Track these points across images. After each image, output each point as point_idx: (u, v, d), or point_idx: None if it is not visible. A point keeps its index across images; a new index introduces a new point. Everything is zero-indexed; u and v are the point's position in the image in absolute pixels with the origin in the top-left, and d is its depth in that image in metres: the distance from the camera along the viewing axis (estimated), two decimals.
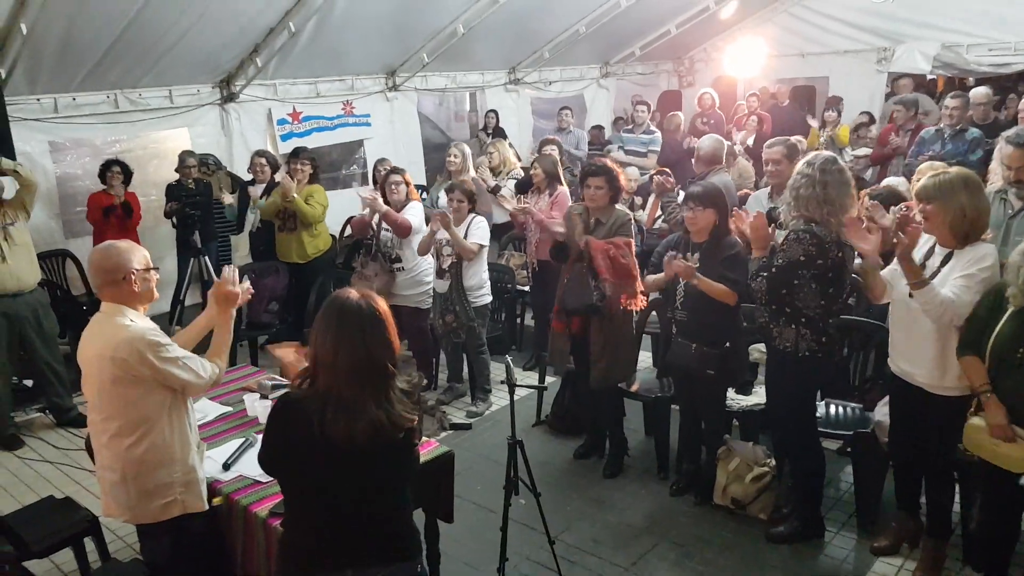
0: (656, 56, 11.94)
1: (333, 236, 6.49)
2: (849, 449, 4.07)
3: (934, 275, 3.08)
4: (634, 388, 4.59)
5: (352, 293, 2.14)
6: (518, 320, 6.61)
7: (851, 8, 10.38)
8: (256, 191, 6.30)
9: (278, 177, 6.17)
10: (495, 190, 7.01)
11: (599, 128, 10.37)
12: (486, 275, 5.28)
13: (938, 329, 3.05)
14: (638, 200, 7.32)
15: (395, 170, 5.64)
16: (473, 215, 5.17)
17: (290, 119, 7.96)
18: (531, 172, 6.09)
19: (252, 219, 6.38)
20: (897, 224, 3.13)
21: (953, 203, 2.97)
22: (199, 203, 6.41)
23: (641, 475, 4.42)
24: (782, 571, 3.55)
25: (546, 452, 4.73)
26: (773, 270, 3.34)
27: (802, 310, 3.36)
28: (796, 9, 11.15)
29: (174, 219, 6.57)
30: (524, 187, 6.37)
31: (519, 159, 7.89)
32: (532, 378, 5.60)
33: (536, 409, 5.14)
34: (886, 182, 5.63)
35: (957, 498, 3.50)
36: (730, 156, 6.92)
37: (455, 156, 6.33)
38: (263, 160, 6.37)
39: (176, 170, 6.59)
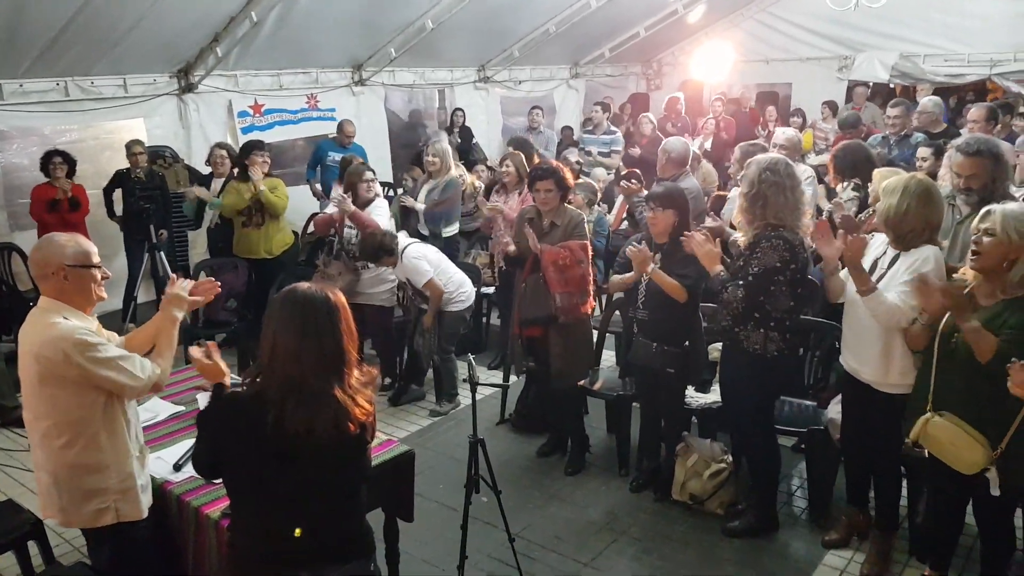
0: (625, 58, 12.03)
1: (295, 232, 6.38)
2: (803, 445, 4.13)
3: (883, 276, 3.16)
4: (597, 387, 4.60)
5: (306, 286, 2.13)
6: (484, 319, 6.58)
7: (815, 16, 10.58)
8: (215, 185, 6.16)
9: (237, 171, 6.05)
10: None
11: (569, 129, 10.41)
12: (459, 278, 5.20)
13: (883, 328, 3.13)
14: (603, 207, 7.28)
15: (367, 167, 5.59)
16: (405, 257, 5.03)
17: (251, 112, 7.85)
18: (501, 171, 6.07)
19: (211, 215, 6.23)
20: (841, 224, 3.26)
21: (897, 204, 3.05)
22: (153, 196, 6.23)
23: (602, 472, 4.44)
24: (737, 565, 3.60)
25: (509, 450, 4.73)
26: (750, 278, 3.36)
27: (771, 313, 3.41)
28: (762, 16, 11.34)
29: (116, 211, 6.39)
30: (491, 187, 6.36)
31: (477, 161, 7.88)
32: (497, 377, 5.59)
33: (500, 408, 5.13)
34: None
35: (905, 492, 3.60)
36: (695, 160, 6.97)
37: (433, 156, 6.26)
38: (223, 152, 6.25)
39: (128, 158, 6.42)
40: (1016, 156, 4.89)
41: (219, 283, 2.97)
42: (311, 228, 7.27)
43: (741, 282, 3.38)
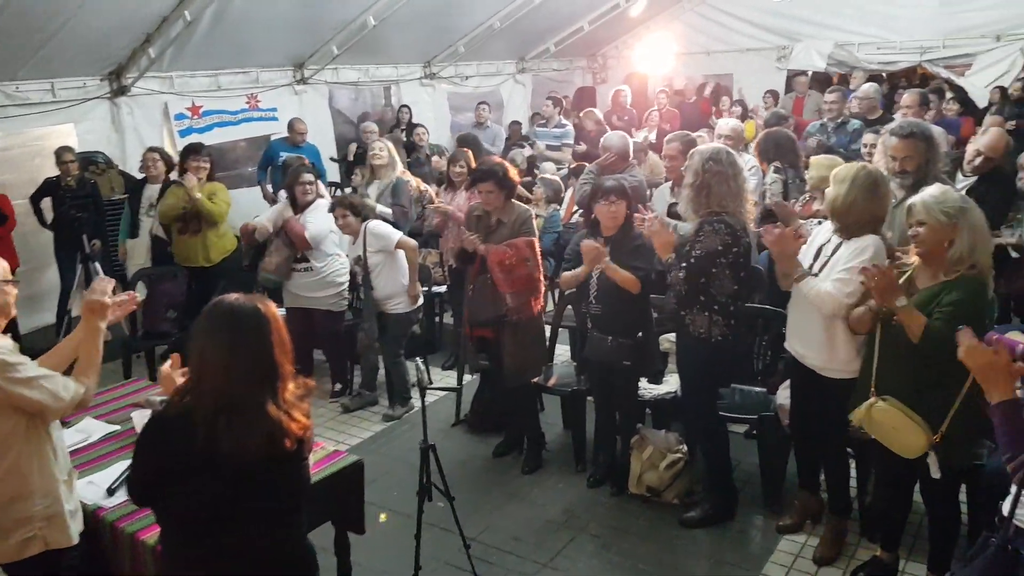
0: (570, 53, 12.08)
1: (238, 237, 6.19)
2: (754, 432, 4.17)
3: (827, 262, 3.21)
4: (551, 383, 4.59)
5: (235, 297, 2.03)
6: (437, 319, 6.51)
7: (753, 8, 10.78)
8: (150, 191, 5.96)
9: (175, 176, 5.86)
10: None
11: (517, 124, 10.39)
12: (405, 281, 5.12)
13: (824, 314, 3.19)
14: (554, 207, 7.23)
15: (306, 168, 5.43)
16: (367, 222, 5.01)
17: (189, 114, 7.64)
18: (453, 171, 6.00)
19: (150, 223, 6.01)
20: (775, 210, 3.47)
21: (845, 195, 3.09)
22: (85, 204, 6.00)
23: (559, 469, 4.43)
24: (694, 555, 3.63)
25: (466, 451, 4.69)
26: (692, 260, 3.44)
27: (715, 297, 3.48)
28: (702, 8, 11.50)
29: (46, 219, 6.16)
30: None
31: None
32: (452, 377, 5.52)
33: (455, 409, 5.08)
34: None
35: (855, 474, 3.67)
36: (641, 152, 7.01)
37: (380, 151, 6.15)
38: (155, 155, 6.01)
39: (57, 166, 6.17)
40: (970, 150, 4.99)
41: (138, 296, 2.81)
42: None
43: (684, 264, 3.45)
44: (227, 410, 1.90)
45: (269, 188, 7.74)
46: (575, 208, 6.67)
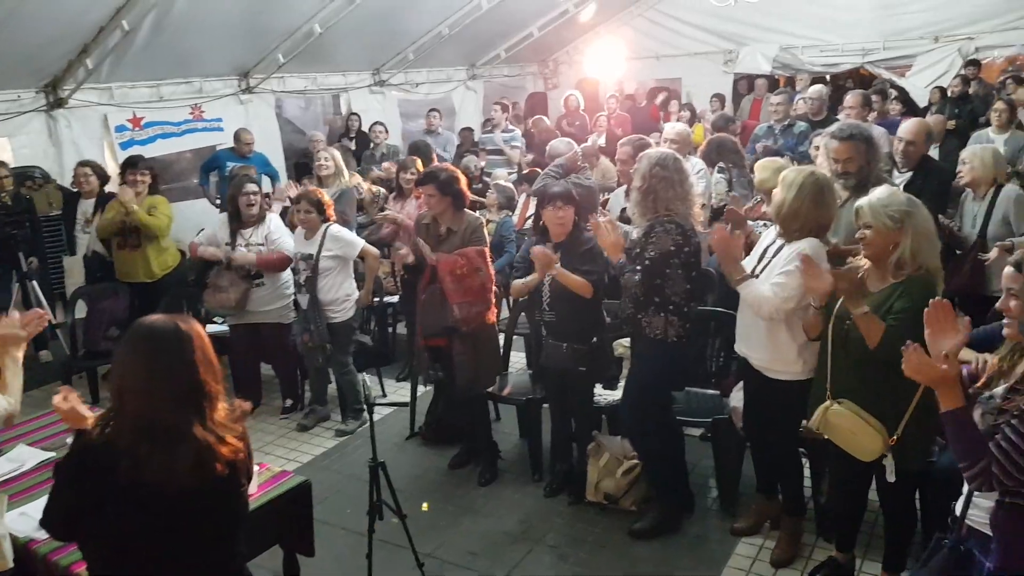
0: (521, 58, 12.09)
1: (182, 251, 6.04)
2: (709, 435, 4.18)
3: (768, 264, 3.24)
4: (506, 392, 4.54)
5: (158, 317, 1.94)
6: (390, 330, 6.42)
7: (700, 12, 10.91)
8: (85, 206, 5.76)
9: (112, 189, 5.67)
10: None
11: (469, 130, 10.34)
12: (350, 287, 5.01)
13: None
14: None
15: (249, 178, 5.31)
16: (328, 225, 4.92)
17: (130, 125, 7.43)
18: (401, 177, 5.92)
19: (87, 239, 5.81)
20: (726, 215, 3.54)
21: (792, 201, 3.10)
22: (20, 221, 5.78)
23: (516, 479, 4.37)
24: (652, 562, 3.59)
25: (420, 465, 4.61)
26: (647, 262, 3.43)
27: (670, 297, 3.47)
28: (650, 13, 11.61)
29: None
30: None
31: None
32: (406, 389, 5.43)
33: (409, 421, 4.99)
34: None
35: (808, 473, 3.69)
36: (592, 156, 7.01)
37: (326, 160, 6.05)
38: (87, 170, 5.80)
39: None
40: (896, 142, 5.08)
41: (49, 314, 2.72)
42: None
43: (639, 267, 3.45)
44: (150, 436, 1.80)
45: (213, 191, 7.55)
46: (528, 214, 6.66)
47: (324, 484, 4.37)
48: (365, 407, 5.01)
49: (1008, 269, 2.08)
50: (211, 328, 5.97)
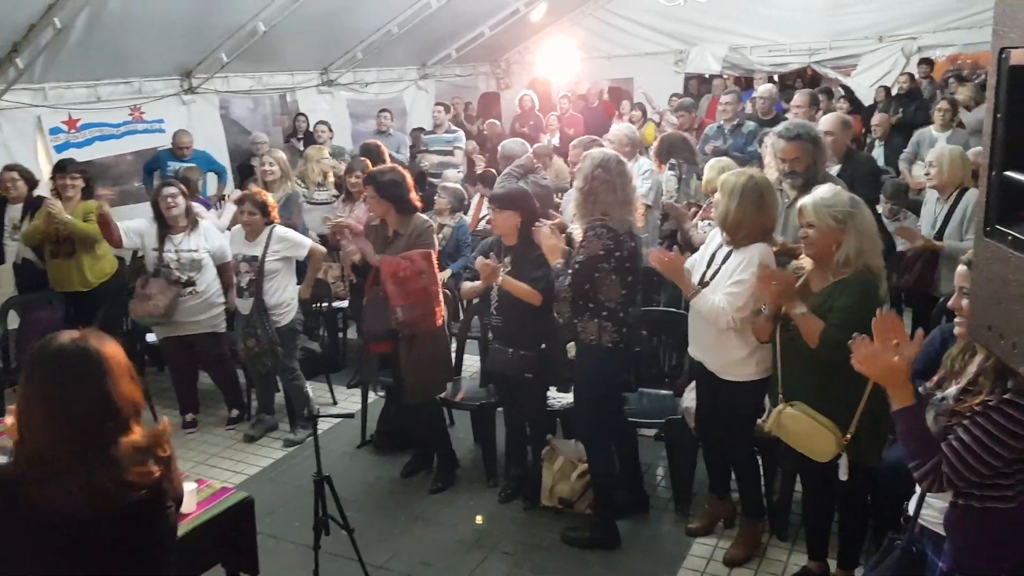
0: (473, 58, 11.99)
1: (120, 258, 5.81)
2: (663, 436, 4.16)
3: (718, 270, 3.22)
4: (459, 397, 4.46)
5: (64, 335, 1.79)
6: (340, 335, 6.29)
7: (650, 12, 10.97)
8: (12, 212, 5.50)
9: (43, 193, 5.43)
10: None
11: (420, 130, 10.22)
12: (293, 291, 4.89)
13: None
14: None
15: (168, 182, 5.11)
16: (272, 226, 4.79)
17: (66, 128, 7.12)
18: (348, 180, 5.81)
19: (16, 247, 5.55)
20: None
21: (736, 209, 3.09)
22: None
23: (471, 485, 4.30)
24: (606, 566, 3.55)
25: (372, 474, 4.51)
26: (576, 266, 3.38)
27: (604, 303, 3.41)
28: (601, 13, 11.64)
29: None
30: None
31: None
32: (357, 395, 5.30)
33: (360, 429, 4.87)
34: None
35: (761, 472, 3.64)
36: (546, 157, 6.98)
37: (271, 165, 5.89)
38: (13, 174, 5.50)
39: None
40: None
41: None
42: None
43: (569, 271, 3.40)
44: (48, 466, 1.67)
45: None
46: (482, 215, 6.59)
47: (272, 497, 4.25)
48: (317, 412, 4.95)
49: (961, 268, 2.05)
50: (152, 337, 5.78)
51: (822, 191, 2.83)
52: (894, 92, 8.91)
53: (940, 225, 4.45)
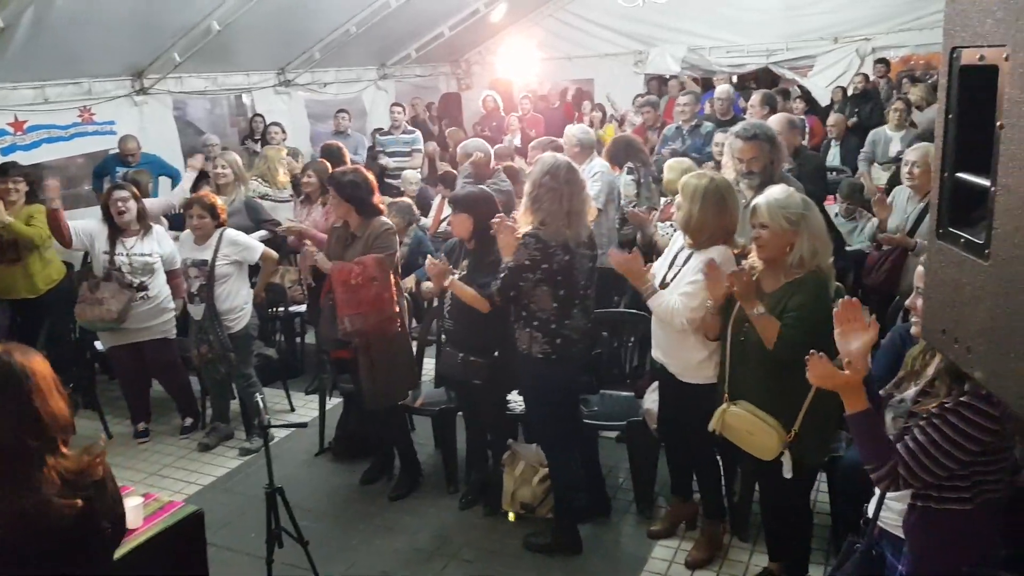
0: (433, 58, 11.90)
1: (68, 263, 5.63)
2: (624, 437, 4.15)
3: (679, 272, 3.20)
4: (419, 402, 4.38)
5: None
6: (299, 340, 6.17)
7: (609, 13, 10.98)
8: None
9: None
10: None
11: (381, 131, 10.10)
12: (246, 295, 4.78)
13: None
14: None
15: (118, 185, 4.96)
16: (223, 229, 4.67)
17: (11, 130, 6.88)
18: (302, 180, 5.70)
19: None
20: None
21: (699, 214, 3.08)
22: None
23: (431, 492, 4.23)
24: (568, 570, 3.52)
25: (331, 482, 4.42)
26: (503, 273, 3.32)
27: (536, 313, 3.33)
28: (561, 14, 11.63)
29: None
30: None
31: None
32: (315, 402, 5.19)
33: (319, 436, 4.78)
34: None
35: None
36: (507, 158, 6.94)
37: (223, 168, 5.76)
38: None
39: None
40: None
41: None
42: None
43: (499, 280, 3.34)
44: None
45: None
46: (442, 217, 6.52)
47: (227, 508, 4.14)
48: (273, 420, 4.80)
49: (921, 269, 2.03)
50: (103, 345, 5.61)
51: (775, 192, 2.82)
52: (850, 92, 9.04)
53: (912, 224, 4.39)
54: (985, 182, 1.01)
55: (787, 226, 2.71)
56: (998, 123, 0.97)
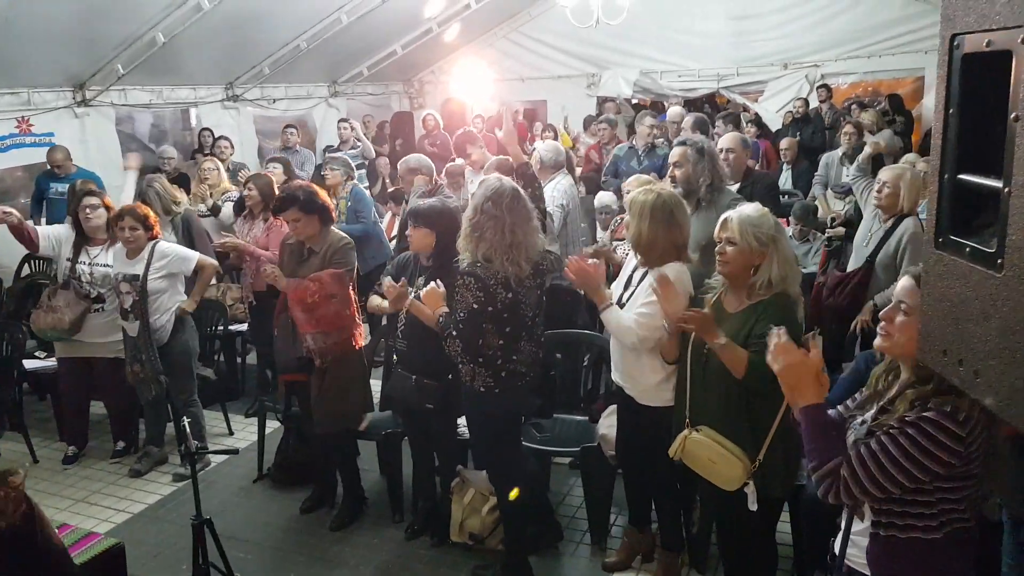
0: (386, 76, 11.81)
1: None
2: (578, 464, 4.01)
3: (635, 290, 3.10)
4: (363, 427, 4.17)
5: None
6: (239, 360, 5.91)
7: (562, 36, 11.02)
8: None
9: None
10: (215, 210, 6.33)
11: (330, 148, 9.90)
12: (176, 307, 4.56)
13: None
14: None
15: (91, 191, 4.74)
16: (155, 242, 4.45)
17: None
18: (244, 194, 5.49)
19: None
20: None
21: (649, 231, 2.98)
22: None
23: (375, 521, 4.03)
24: None
25: (268, 510, 4.19)
26: (460, 326, 3.08)
27: (481, 349, 3.13)
28: (514, 35, 11.65)
29: None
30: (241, 210, 5.73)
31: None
32: (254, 426, 4.94)
33: (258, 462, 4.54)
34: (599, 198, 5.87)
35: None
36: (458, 176, 6.82)
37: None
38: None
39: None
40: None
41: None
42: (25, 270, 6.22)
43: (455, 332, 3.09)
44: None
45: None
46: (393, 234, 6.36)
47: (156, 538, 3.90)
48: (207, 443, 4.58)
49: (907, 281, 1.92)
50: (33, 363, 5.31)
51: (748, 209, 2.72)
52: (795, 116, 9.26)
53: (874, 247, 4.25)
54: (995, 183, 0.91)
55: (756, 245, 2.61)
56: (1012, 115, 0.87)
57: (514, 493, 3.28)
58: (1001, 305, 0.91)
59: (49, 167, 6.87)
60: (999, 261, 0.93)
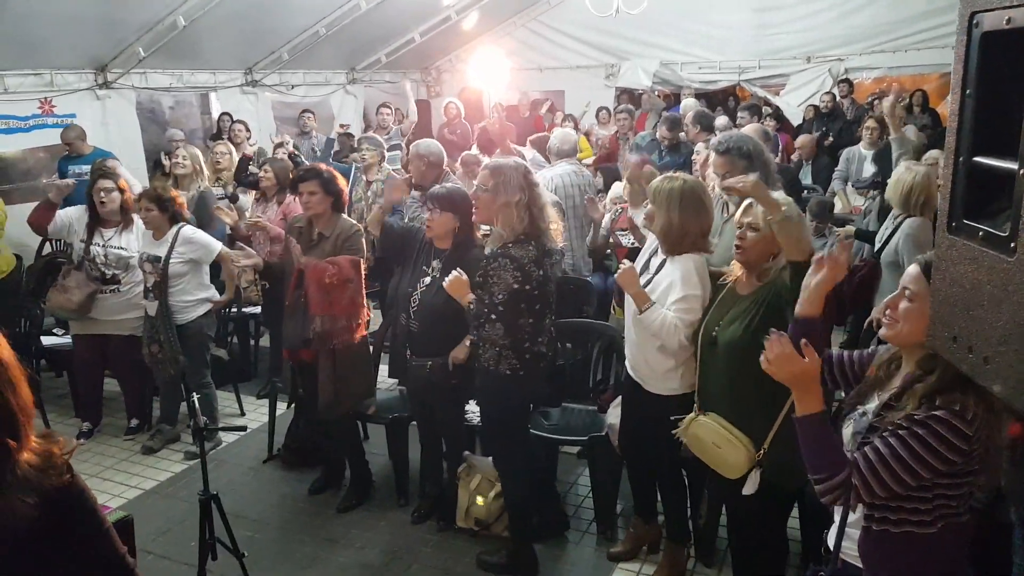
0: (403, 64, 11.79)
1: (18, 256, 5.39)
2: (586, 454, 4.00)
3: (652, 278, 3.06)
4: (371, 411, 4.18)
5: None
6: (252, 343, 5.95)
7: (582, 26, 10.94)
8: None
9: None
10: (233, 198, 6.35)
11: (349, 135, 9.89)
12: (204, 293, 4.61)
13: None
14: None
15: (105, 173, 4.76)
16: (180, 225, 4.48)
17: None
18: (260, 176, 5.53)
19: None
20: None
21: (680, 221, 2.94)
22: None
23: (382, 504, 4.04)
24: None
25: (278, 491, 4.22)
26: (500, 308, 3.07)
27: (509, 330, 3.12)
28: (533, 24, 11.58)
29: None
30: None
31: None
32: (265, 408, 4.98)
33: (268, 443, 4.57)
34: (612, 189, 5.83)
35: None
36: (474, 165, 6.81)
37: (184, 159, 5.64)
38: None
39: None
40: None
41: None
42: (47, 248, 6.27)
43: (495, 316, 3.08)
44: None
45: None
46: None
47: (166, 514, 3.94)
48: (219, 423, 4.62)
49: (913, 268, 1.87)
50: (51, 340, 5.38)
51: (779, 197, 2.67)
52: (822, 111, 9.13)
53: (882, 243, 4.27)
54: (1012, 165, 0.88)
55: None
56: None
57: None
58: (1013, 291, 0.88)
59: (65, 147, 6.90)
60: (1012, 245, 0.90)
